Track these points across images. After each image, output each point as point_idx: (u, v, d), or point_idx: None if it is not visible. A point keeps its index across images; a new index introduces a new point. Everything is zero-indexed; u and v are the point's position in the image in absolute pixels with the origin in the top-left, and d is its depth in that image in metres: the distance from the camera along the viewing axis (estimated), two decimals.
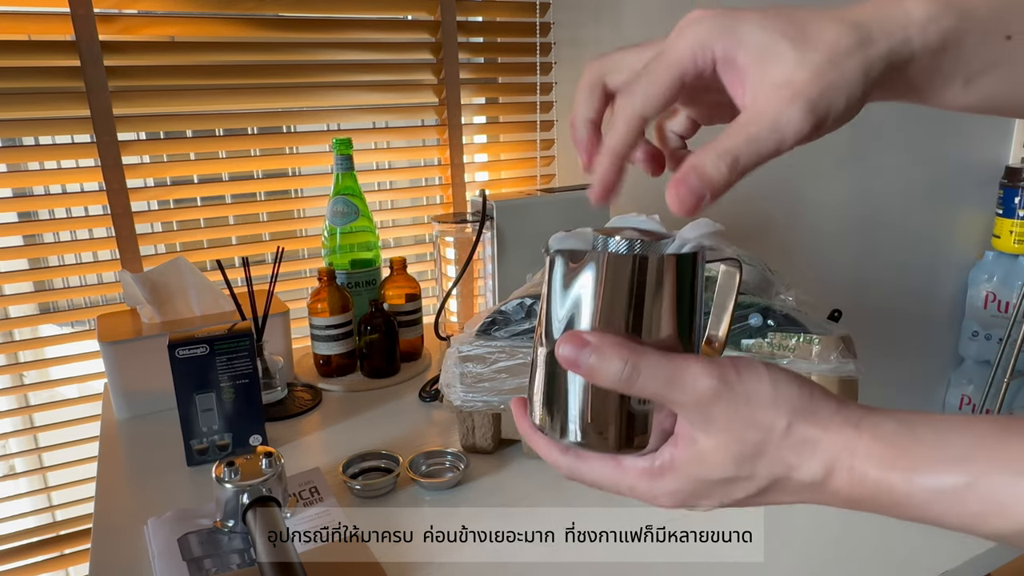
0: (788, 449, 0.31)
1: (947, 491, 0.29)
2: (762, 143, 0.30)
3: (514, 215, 1.08)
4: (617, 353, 0.31)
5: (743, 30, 0.31)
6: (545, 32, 1.34)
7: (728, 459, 0.32)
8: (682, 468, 0.33)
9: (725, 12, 0.31)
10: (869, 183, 1.81)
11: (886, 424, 0.31)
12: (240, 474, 0.62)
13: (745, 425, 0.31)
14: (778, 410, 0.31)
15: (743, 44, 0.30)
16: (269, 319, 0.96)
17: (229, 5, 1.13)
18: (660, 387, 0.31)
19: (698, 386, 0.31)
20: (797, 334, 0.70)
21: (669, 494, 0.34)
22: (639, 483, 0.34)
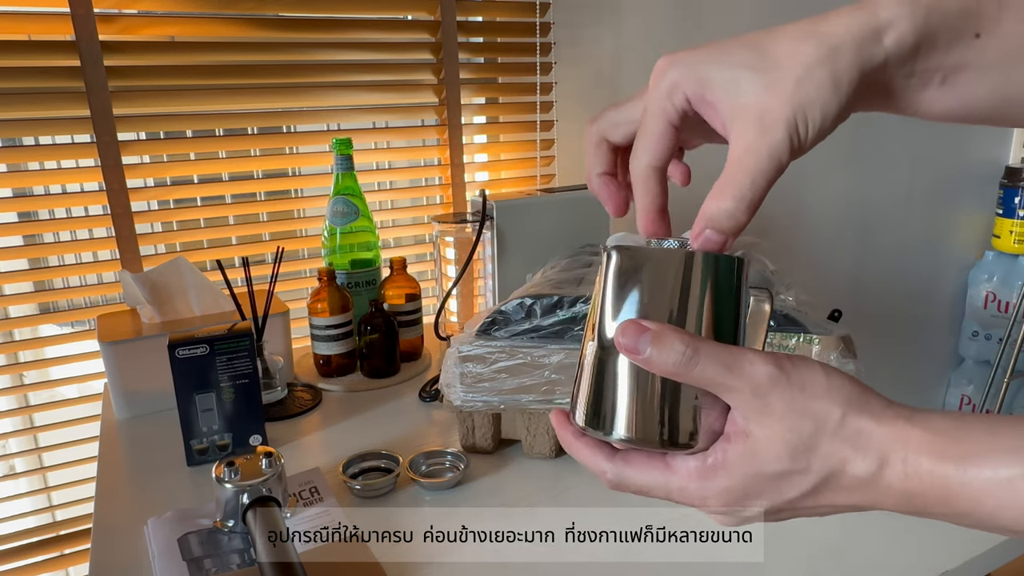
0: (842, 440, 0.31)
1: (1003, 481, 0.28)
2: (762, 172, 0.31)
3: (514, 215, 1.08)
4: (678, 338, 0.31)
5: (706, 71, 0.32)
6: (545, 32, 1.34)
7: (783, 450, 0.31)
8: (735, 464, 0.32)
9: (688, 54, 0.33)
10: (869, 183, 1.81)
11: (937, 418, 0.30)
12: (240, 474, 0.62)
13: (800, 415, 0.31)
14: (832, 400, 0.31)
15: (709, 84, 0.32)
16: (269, 319, 0.96)
17: (229, 5, 1.13)
18: (718, 373, 0.31)
19: (756, 372, 0.31)
20: (797, 334, 0.70)
21: (721, 492, 0.33)
22: (690, 484, 0.33)
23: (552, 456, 0.78)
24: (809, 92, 0.31)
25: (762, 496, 0.32)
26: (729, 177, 0.32)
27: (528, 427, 0.77)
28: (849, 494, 0.31)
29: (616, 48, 1.43)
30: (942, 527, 0.64)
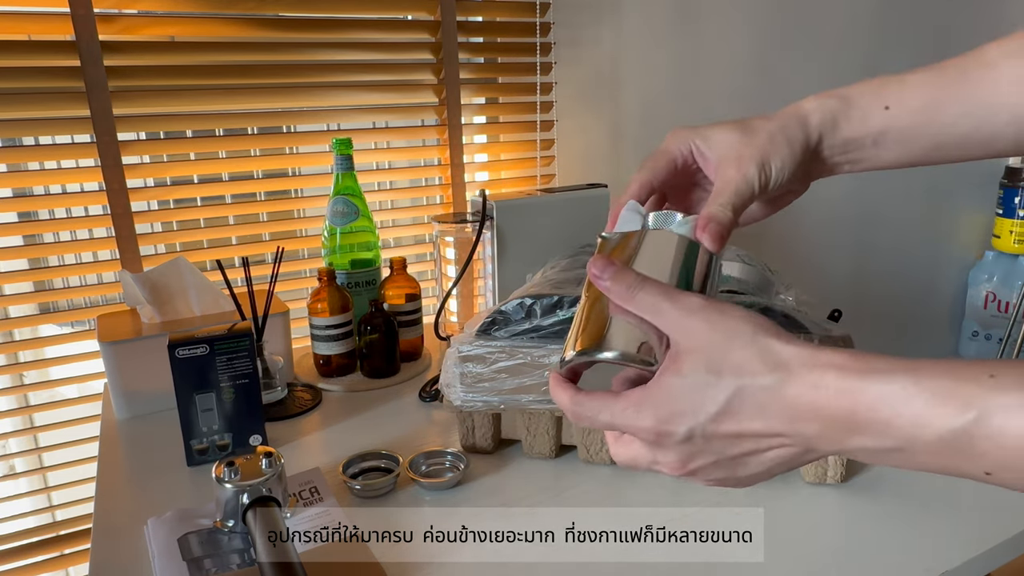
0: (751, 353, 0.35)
1: (898, 390, 0.32)
2: (744, 192, 0.44)
3: (514, 215, 1.08)
4: (631, 273, 0.39)
5: (709, 133, 0.47)
6: (545, 32, 1.34)
7: (700, 361, 0.35)
8: (664, 385, 0.36)
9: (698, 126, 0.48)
10: (869, 183, 1.81)
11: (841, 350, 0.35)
12: (240, 474, 0.62)
13: (717, 330, 0.36)
14: (746, 322, 0.36)
15: (709, 140, 0.46)
16: (269, 319, 0.96)
17: (229, 5, 1.13)
18: (656, 300, 0.38)
19: (687, 301, 0.37)
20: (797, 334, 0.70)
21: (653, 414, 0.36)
22: (629, 407, 0.37)
23: (552, 456, 0.78)
24: (772, 147, 0.45)
25: (685, 414, 0.36)
26: (717, 192, 0.44)
27: (528, 427, 0.77)
28: (761, 412, 0.35)
29: (616, 48, 1.43)
30: (942, 527, 0.64)
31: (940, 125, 0.46)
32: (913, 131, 0.46)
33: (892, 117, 0.46)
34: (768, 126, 0.45)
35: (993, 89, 0.45)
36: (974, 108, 0.45)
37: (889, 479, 0.72)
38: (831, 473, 0.70)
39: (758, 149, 0.44)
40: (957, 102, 0.45)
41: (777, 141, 0.45)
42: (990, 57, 0.46)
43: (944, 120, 0.46)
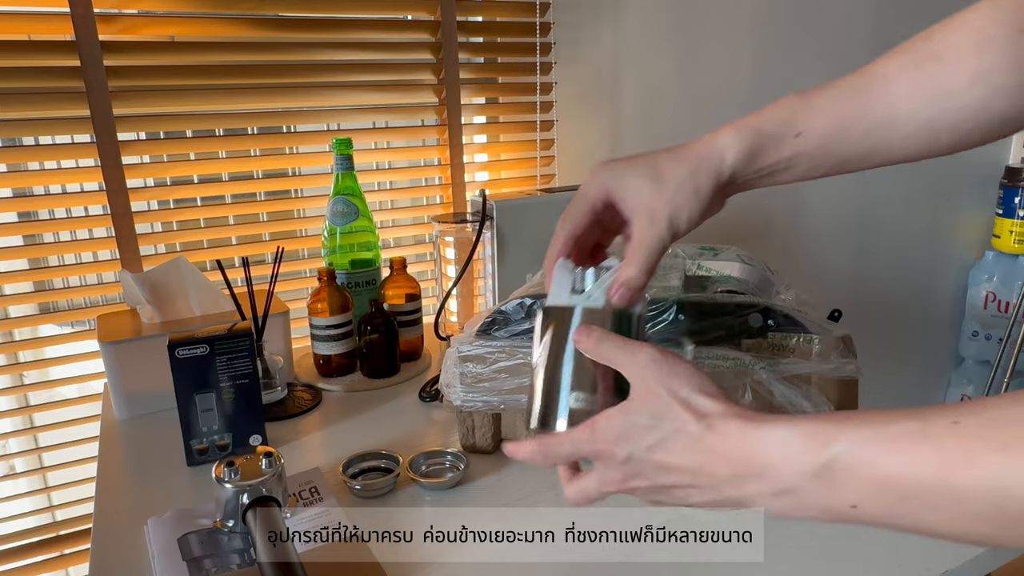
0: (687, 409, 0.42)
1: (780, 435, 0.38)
2: (654, 251, 0.49)
3: (514, 215, 1.08)
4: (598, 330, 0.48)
5: (625, 177, 0.51)
6: (545, 32, 1.34)
7: (646, 411, 0.43)
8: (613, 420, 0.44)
9: (615, 163, 0.51)
10: (869, 183, 1.81)
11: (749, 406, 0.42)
12: (240, 474, 0.62)
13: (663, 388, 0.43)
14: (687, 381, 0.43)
15: (625, 187, 0.51)
16: (269, 319, 0.96)
17: (229, 5, 1.13)
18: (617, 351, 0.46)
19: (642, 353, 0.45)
20: (797, 334, 0.70)
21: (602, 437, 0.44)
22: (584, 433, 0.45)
23: None
24: (680, 200, 0.49)
25: (629, 440, 0.43)
26: (632, 254, 0.50)
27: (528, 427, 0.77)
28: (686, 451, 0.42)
29: (616, 48, 1.43)
30: None
31: (847, 144, 0.50)
32: (822, 152, 0.50)
33: (803, 142, 0.50)
34: (678, 173, 0.50)
35: (892, 103, 0.49)
36: (877, 125, 0.49)
37: None
38: None
39: (667, 203, 0.49)
40: (861, 121, 0.49)
41: (686, 191, 0.50)
42: (886, 71, 0.49)
43: (851, 139, 0.49)
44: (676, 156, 0.50)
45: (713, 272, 0.83)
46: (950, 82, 0.48)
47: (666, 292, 0.73)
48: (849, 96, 0.50)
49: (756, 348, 0.71)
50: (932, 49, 0.49)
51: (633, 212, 0.50)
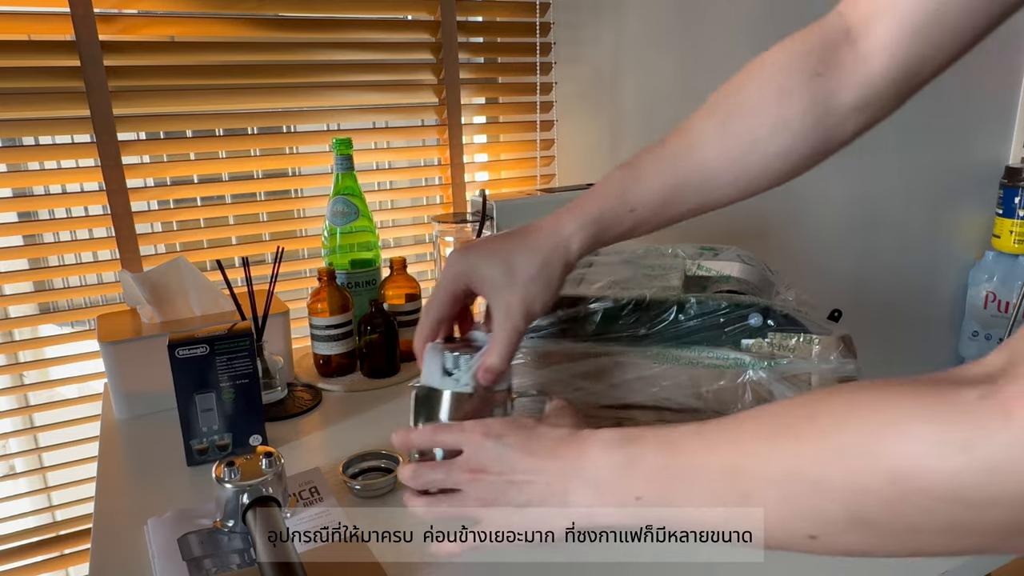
0: (511, 428, 0.49)
1: (603, 437, 0.45)
2: (513, 340, 0.57)
3: (514, 215, 1.08)
4: (420, 430, 0.54)
5: (480, 268, 0.57)
6: (545, 32, 1.34)
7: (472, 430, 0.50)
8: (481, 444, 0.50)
9: (469, 253, 0.58)
10: (869, 183, 1.81)
11: None
12: (240, 474, 0.62)
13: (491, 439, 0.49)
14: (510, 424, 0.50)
15: (482, 279, 0.57)
16: (269, 319, 0.96)
17: (229, 5, 1.13)
18: (447, 431, 0.52)
19: (468, 425, 0.51)
20: (797, 334, 0.70)
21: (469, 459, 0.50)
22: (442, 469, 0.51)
23: None
24: (533, 291, 0.57)
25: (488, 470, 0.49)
26: (494, 344, 0.57)
27: None
28: (525, 448, 0.47)
29: (616, 48, 1.43)
30: None
31: (677, 206, 0.58)
32: (656, 217, 0.58)
33: (638, 215, 0.57)
34: (530, 268, 0.56)
35: (708, 165, 0.56)
36: (700, 185, 0.56)
37: None
38: None
39: (521, 299, 0.56)
40: (685, 186, 0.57)
41: (538, 284, 0.57)
42: (699, 135, 0.57)
43: (679, 203, 0.57)
44: (526, 248, 0.57)
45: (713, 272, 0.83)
46: (755, 135, 0.55)
47: (666, 292, 0.73)
48: (670, 166, 0.57)
49: (756, 348, 0.71)
50: (737, 104, 0.56)
51: (491, 303, 0.57)
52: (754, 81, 0.56)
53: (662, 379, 0.71)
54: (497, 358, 0.56)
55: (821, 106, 0.54)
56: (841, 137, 0.56)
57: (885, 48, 0.52)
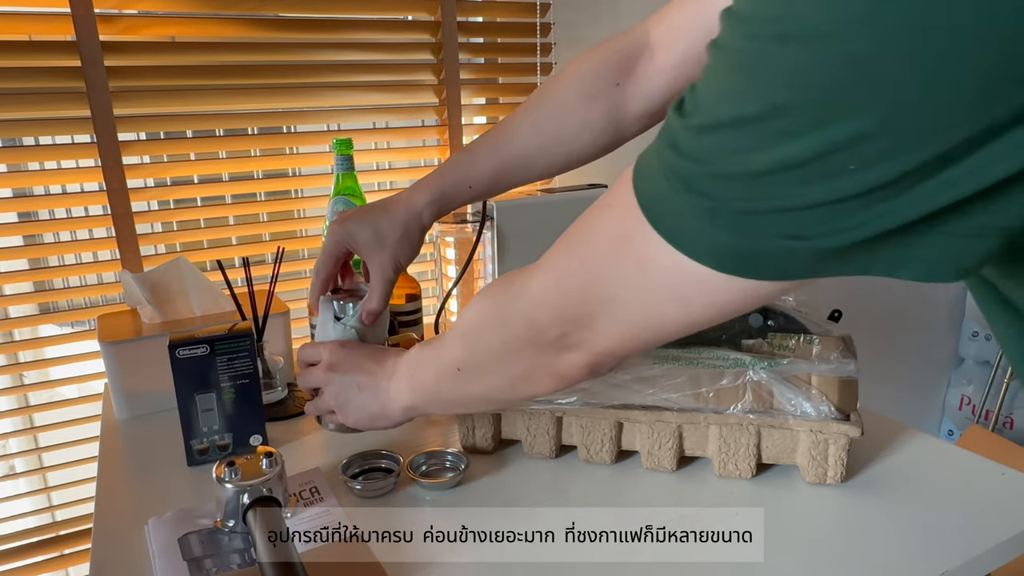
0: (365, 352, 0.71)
1: (399, 353, 0.69)
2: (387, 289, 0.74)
3: (514, 215, 1.08)
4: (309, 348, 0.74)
5: (355, 234, 0.72)
6: (545, 32, 1.34)
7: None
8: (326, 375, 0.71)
9: (346, 222, 0.73)
10: None
11: None
12: (240, 474, 0.62)
13: None
14: None
15: (357, 242, 0.73)
16: (269, 319, 0.96)
17: (229, 5, 1.13)
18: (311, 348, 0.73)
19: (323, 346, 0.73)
20: (797, 334, 0.70)
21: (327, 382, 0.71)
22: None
23: (552, 456, 0.78)
24: (398, 250, 0.73)
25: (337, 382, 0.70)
26: (372, 292, 0.73)
27: (528, 427, 0.77)
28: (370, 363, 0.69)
29: None
30: (942, 527, 0.64)
31: (506, 182, 0.72)
32: (490, 190, 0.73)
33: (475, 191, 0.73)
34: (394, 232, 0.72)
35: (527, 153, 0.71)
36: (522, 167, 0.72)
37: (889, 479, 0.72)
38: (831, 473, 0.70)
39: (390, 256, 0.72)
40: (509, 167, 0.71)
41: (402, 244, 0.73)
42: (518, 129, 0.71)
43: (507, 179, 0.72)
44: (390, 218, 0.72)
45: None
46: (562, 132, 0.69)
47: None
48: (497, 152, 0.71)
49: (756, 348, 0.71)
50: (549, 105, 0.70)
51: (368, 261, 0.73)
52: (566, 86, 0.69)
53: (662, 379, 0.71)
54: (376, 303, 0.73)
55: (617, 111, 0.68)
56: (628, 138, 0.70)
57: (672, 68, 0.64)
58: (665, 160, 0.36)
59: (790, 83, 0.29)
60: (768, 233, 0.33)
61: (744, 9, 0.31)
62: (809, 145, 0.29)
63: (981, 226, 0.31)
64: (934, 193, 0.30)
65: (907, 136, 0.28)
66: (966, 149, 0.28)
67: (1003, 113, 0.27)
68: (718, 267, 0.36)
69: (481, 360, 0.56)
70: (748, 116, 0.31)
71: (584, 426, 0.75)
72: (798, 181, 0.31)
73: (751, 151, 0.31)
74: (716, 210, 0.34)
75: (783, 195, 0.32)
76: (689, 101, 0.35)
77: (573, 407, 0.73)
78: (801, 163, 0.30)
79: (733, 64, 0.32)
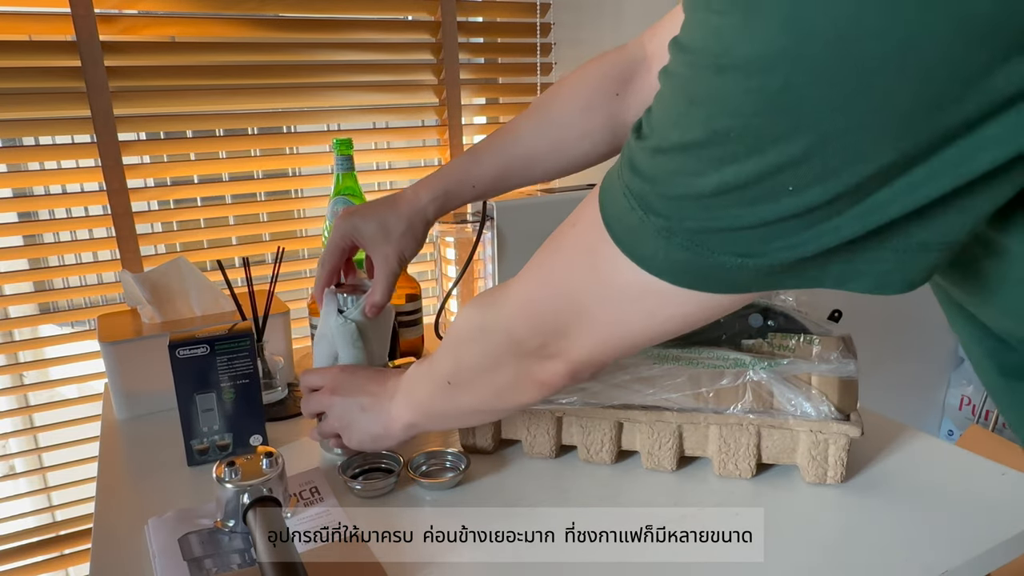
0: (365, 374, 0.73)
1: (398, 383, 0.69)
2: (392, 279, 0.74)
3: (514, 215, 1.08)
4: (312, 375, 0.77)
5: (361, 228, 0.73)
6: (545, 32, 1.34)
7: None
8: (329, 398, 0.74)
9: (352, 216, 0.74)
10: None
11: None
12: (241, 474, 0.62)
13: None
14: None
15: (363, 236, 0.74)
16: (269, 319, 0.96)
17: (229, 5, 1.13)
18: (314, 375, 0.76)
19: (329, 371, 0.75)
20: (797, 334, 0.70)
21: None
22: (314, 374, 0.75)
23: (552, 456, 0.78)
24: (403, 244, 0.74)
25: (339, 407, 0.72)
26: (376, 285, 0.74)
27: (528, 427, 0.77)
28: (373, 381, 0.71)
29: None
30: (942, 527, 0.64)
31: (508, 183, 0.74)
32: (493, 190, 0.75)
33: (478, 191, 0.74)
34: (399, 227, 0.73)
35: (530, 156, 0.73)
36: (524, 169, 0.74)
37: (889, 479, 0.72)
38: (831, 473, 0.70)
39: (395, 250, 0.73)
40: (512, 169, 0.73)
41: (407, 238, 0.73)
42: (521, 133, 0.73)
43: (510, 180, 0.74)
44: (395, 213, 0.73)
45: None
46: (563, 139, 0.72)
47: None
48: (501, 154, 0.73)
49: (756, 348, 0.71)
50: (551, 113, 0.72)
51: (372, 255, 0.74)
52: (567, 96, 0.72)
53: (662, 379, 0.71)
54: (380, 296, 0.74)
55: (615, 120, 0.70)
56: None
57: None
58: (624, 179, 0.38)
59: (727, 111, 0.31)
60: (719, 251, 0.35)
61: (686, 40, 0.33)
62: (749, 168, 0.31)
63: (923, 242, 0.32)
64: (869, 212, 0.31)
65: (835, 160, 0.30)
66: (894, 172, 0.30)
67: (924, 139, 0.28)
68: (676, 282, 0.38)
69: (468, 371, 0.58)
70: (693, 141, 0.33)
71: (584, 426, 0.75)
72: (742, 202, 0.33)
73: (698, 174, 0.33)
74: (671, 229, 0.36)
75: (730, 215, 0.33)
76: (645, 123, 0.37)
77: (573, 407, 0.73)
78: (743, 185, 0.32)
79: (678, 91, 0.34)
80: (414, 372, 0.67)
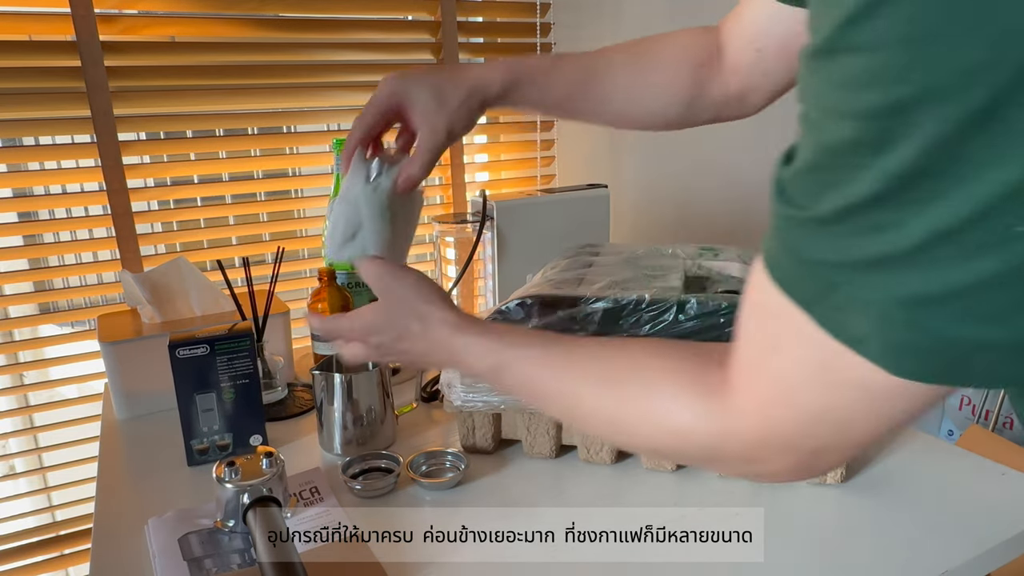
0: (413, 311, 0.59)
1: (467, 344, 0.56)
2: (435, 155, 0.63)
3: (514, 215, 1.08)
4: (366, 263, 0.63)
5: (413, 92, 0.63)
6: (545, 32, 1.34)
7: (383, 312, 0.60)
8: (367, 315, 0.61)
9: (405, 76, 0.63)
10: None
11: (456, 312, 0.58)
12: (240, 474, 0.62)
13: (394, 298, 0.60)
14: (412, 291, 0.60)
15: (413, 101, 0.63)
16: (269, 319, 0.96)
17: (230, 5, 1.13)
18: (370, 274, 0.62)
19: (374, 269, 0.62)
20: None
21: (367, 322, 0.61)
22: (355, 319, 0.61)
23: (552, 456, 0.78)
24: (456, 118, 0.63)
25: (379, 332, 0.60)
26: (418, 154, 0.62)
27: (528, 427, 0.77)
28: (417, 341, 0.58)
29: None
30: (942, 527, 0.64)
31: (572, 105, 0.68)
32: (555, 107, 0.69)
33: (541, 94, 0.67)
34: (457, 97, 0.63)
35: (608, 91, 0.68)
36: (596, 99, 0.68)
37: (889, 479, 0.72)
38: (831, 474, 0.70)
39: (447, 119, 0.62)
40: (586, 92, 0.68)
41: (462, 112, 0.63)
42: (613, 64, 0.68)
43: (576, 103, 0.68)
44: (455, 81, 0.63)
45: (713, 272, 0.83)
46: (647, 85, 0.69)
47: (666, 292, 0.73)
48: (584, 72, 0.67)
49: None
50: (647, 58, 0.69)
51: (419, 123, 0.63)
52: (665, 49, 0.70)
53: None
54: (419, 167, 0.63)
55: (696, 89, 0.68)
56: (696, 120, 0.70)
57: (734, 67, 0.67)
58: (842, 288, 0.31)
59: None
60: None
61: None
62: None
63: None
64: None
65: None
66: None
67: None
68: None
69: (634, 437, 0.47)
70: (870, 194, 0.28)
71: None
72: None
73: None
74: None
75: None
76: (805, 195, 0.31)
77: None
78: None
79: None
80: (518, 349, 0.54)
